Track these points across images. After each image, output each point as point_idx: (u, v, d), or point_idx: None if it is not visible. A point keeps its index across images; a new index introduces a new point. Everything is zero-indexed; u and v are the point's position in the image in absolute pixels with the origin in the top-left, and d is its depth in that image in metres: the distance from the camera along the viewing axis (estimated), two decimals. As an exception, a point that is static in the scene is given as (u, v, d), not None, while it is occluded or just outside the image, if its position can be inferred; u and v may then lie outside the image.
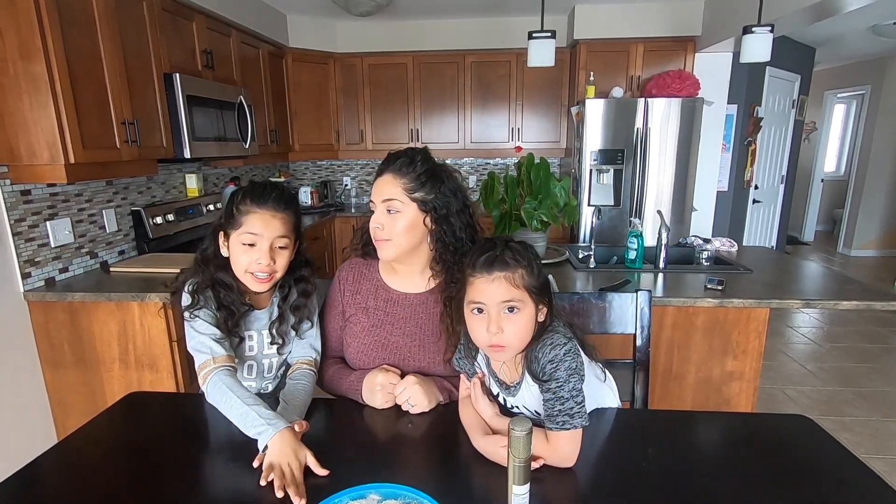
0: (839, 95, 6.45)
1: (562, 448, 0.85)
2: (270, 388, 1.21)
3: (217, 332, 1.04)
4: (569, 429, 0.84)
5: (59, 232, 1.98)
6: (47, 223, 1.93)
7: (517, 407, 0.99)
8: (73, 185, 2.05)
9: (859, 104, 6.10)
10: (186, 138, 2.30)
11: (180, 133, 2.28)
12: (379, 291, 1.20)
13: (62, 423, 1.96)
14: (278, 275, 1.10)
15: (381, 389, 1.07)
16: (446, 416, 1.04)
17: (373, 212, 1.12)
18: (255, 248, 1.06)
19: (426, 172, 1.10)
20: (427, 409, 1.04)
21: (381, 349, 1.15)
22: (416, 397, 1.04)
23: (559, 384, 0.86)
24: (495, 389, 1.01)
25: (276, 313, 1.15)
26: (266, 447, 0.87)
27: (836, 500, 0.78)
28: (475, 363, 1.02)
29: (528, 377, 0.92)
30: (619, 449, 0.95)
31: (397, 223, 1.09)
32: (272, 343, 1.15)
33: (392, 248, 1.11)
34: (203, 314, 1.04)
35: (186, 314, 1.05)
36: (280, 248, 1.08)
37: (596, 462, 0.90)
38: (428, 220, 1.11)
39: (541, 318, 0.91)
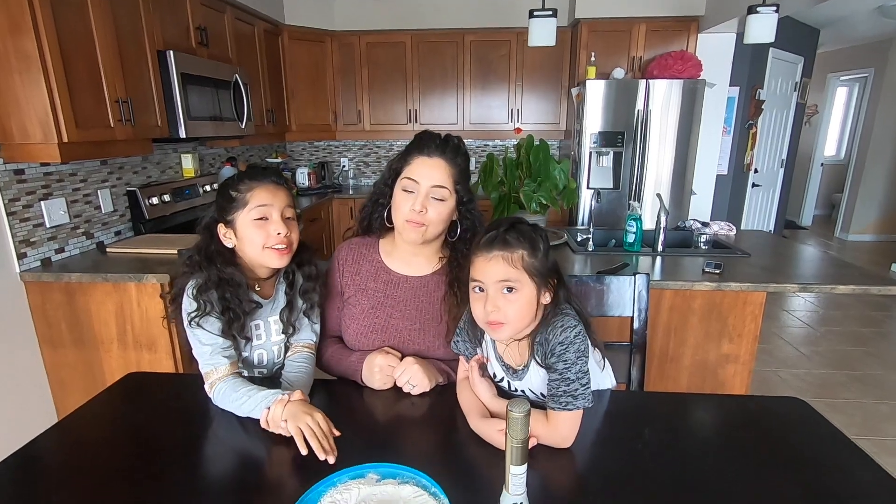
0: (842, 78, 6.39)
1: (561, 428, 0.86)
2: (278, 370, 1.19)
3: (220, 341, 1.02)
4: (571, 409, 0.85)
5: (54, 212, 1.97)
6: (42, 203, 1.92)
7: (523, 391, 1.00)
8: (67, 164, 2.03)
9: (862, 87, 6.05)
10: (181, 117, 2.27)
11: (175, 112, 2.25)
12: (379, 273, 1.20)
13: (62, 402, 1.97)
14: (294, 246, 1.09)
15: (379, 371, 1.07)
16: (445, 397, 1.04)
17: (407, 191, 1.08)
18: (269, 221, 1.04)
19: (467, 167, 1.13)
20: (428, 389, 1.05)
21: (381, 331, 1.15)
22: (416, 377, 1.05)
23: (566, 366, 0.86)
24: (499, 374, 1.02)
25: (283, 301, 1.14)
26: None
27: (828, 481, 0.79)
28: (479, 348, 1.03)
29: (536, 360, 0.92)
30: (615, 430, 0.96)
31: (440, 211, 1.09)
32: (284, 332, 1.14)
33: (424, 233, 1.10)
34: (207, 323, 1.01)
35: (189, 321, 1.01)
36: (289, 219, 1.07)
37: (592, 443, 0.91)
38: (457, 210, 1.14)
39: (545, 301, 0.90)
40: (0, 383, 1.77)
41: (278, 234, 1.04)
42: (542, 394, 0.96)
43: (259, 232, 1.04)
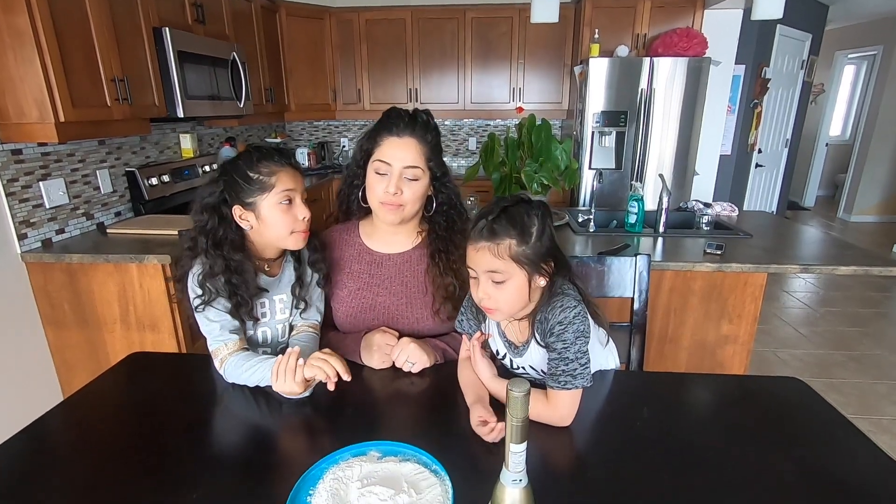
0: (850, 56, 6.27)
1: (560, 407, 0.87)
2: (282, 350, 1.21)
3: (228, 318, 1.03)
4: (570, 389, 0.86)
5: (53, 192, 1.96)
6: (40, 183, 1.91)
7: (523, 368, 1.01)
8: (64, 144, 2.01)
9: (870, 65, 5.95)
10: (179, 96, 2.24)
11: (172, 91, 2.22)
12: (362, 255, 1.21)
13: (67, 381, 2.00)
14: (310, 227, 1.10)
15: (378, 349, 1.08)
16: (444, 375, 1.05)
17: (379, 173, 1.08)
18: (294, 205, 1.05)
19: (438, 142, 1.12)
20: (427, 366, 1.06)
21: (369, 311, 1.17)
22: (414, 355, 1.06)
23: (565, 345, 0.87)
24: (501, 350, 1.02)
25: (291, 277, 1.15)
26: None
27: (825, 459, 0.80)
28: (483, 324, 1.03)
29: (536, 338, 0.93)
30: (614, 409, 0.97)
31: (414, 190, 1.09)
32: (296, 306, 1.15)
33: (401, 214, 1.11)
34: (214, 302, 1.02)
35: (195, 307, 1.03)
36: (305, 200, 1.09)
37: (592, 422, 0.92)
38: (432, 185, 1.14)
39: (539, 285, 0.90)
40: (6, 363, 1.79)
41: (303, 218, 1.06)
42: (542, 371, 0.97)
43: (286, 217, 1.05)
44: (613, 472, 0.78)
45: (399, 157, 1.06)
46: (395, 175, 1.07)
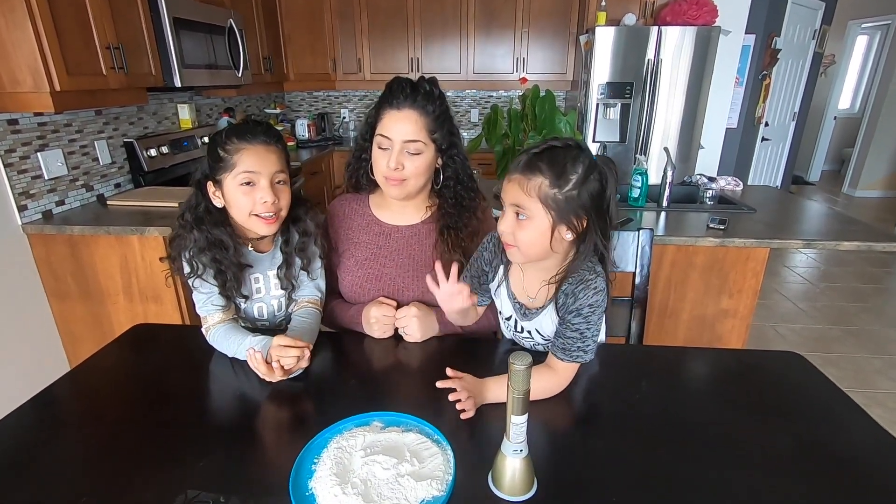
0: (863, 26, 6.11)
1: (564, 376, 0.90)
2: (284, 324, 1.20)
3: (216, 290, 1.05)
4: (579, 362, 0.89)
5: (52, 163, 1.94)
6: (38, 154, 1.88)
7: (528, 332, 1.02)
8: (61, 115, 1.98)
9: (883, 35, 5.79)
10: (175, 65, 2.19)
11: (169, 59, 2.17)
12: (371, 225, 1.20)
13: (73, 352, 2.02)
14: (283, 213, 1.05)
15: (376, 322, 1.09)
16: (447, 346, 1.07)
17: (382, 147, 1.07)
18: (256, 187, 1.00)
19: (444, 111, 1.08)
20: (418, 341, 1.08)
21: (375, 281, 1.17)
22: (410, 328, 1.08)
23: (588, 326, 0.88)
24: (508, 311, 1.03)
25: (280, 257, 1.13)
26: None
27: (820, 431, 0.82)
28: (493, 282, 1.04)
29: (556, 307, 0.92)
30: (614, 382, 0.98)
31: (417, 164, 1.07)
32: (283, 288, 1.14)
33: (406, 188, 1.09)
34: (204, 276, 1.04)
35: (187, 281, 1.05)
36: (279, 183, 1.03)
37: (591, 394, 0.94)
38: (440, 159, 1.11)
39: (566, 237, 0.86)
40: (13, 334, 1.81)
41: (265, 202, 1.00)
42: (547, 337, 0.98)
43: (245, 198, 1.00)
44: (612, 443, 0.79)
45: (399, 130, 1.04)
46: (396, 150, 1.05)
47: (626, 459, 0.75)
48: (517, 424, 0.66)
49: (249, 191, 1.00)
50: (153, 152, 2.40)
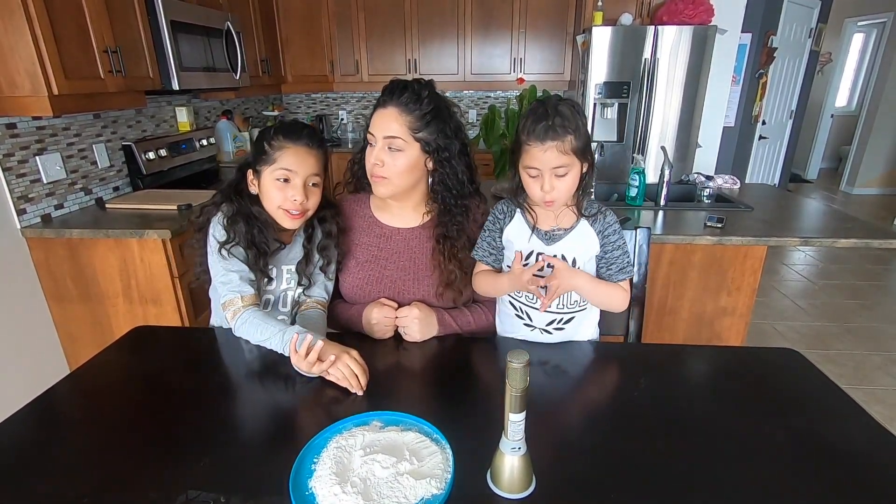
0: (859, 24, 6.12)
1: (628, 290, 1.07)
2: (288, 321, 1.21)
3: (246, 269, 1.05)
4: (631, 276, 1.07)
5: (50, 167, 1.94)
6: (37, 158, 1.89)
7: (554, 255, 1.04)
8: (59, 118, 1.98)
9: (879, 33, 5.81)
10: (173, 68, 2.19)
11: (166, 62, 2.18)
12: (371, 227, 1.21)
13: (73, 355, 2.02)
14: (310, 212, 1.10)
15: (376, 324, 1.10)
16: (446, 347, 1.07)
17: (370, 144, 1.10)
18: (289, 185, 1.05)
19: (432, 111, 1.07)
20: (417, 341, 1.09)
21: (376, 283, 1.17)
22: (410, 328, 1.09)
23: (623, 240, 1.06)
24: (527, 250, 1.06)
25: (300, 252, 1.16)
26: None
27: (819, 428, 0.82)
28: (509, 226, 1.09)
29: (584, 222, 1.05)
30: (612, 380, 0.99)
31: (398, 162, 1.07)
32: (299, 284, 1.16)
33: (389, 186, 1.09)
34: (235, 251, 1.05)
35: (219, 249, 1.04)
36: (313, 185, 1.08)
37: (590, 391, 0.94)
38: (429, 161, 1.10)
39: (584, 170, 1.01)
40: (13, 337, 1.81)
41: (295, 200, 1.05)
42: (574, 259, 1.05)
43: (278, 193, 1.06)
44: (610, 440, 0.80)
45: (380, 126, 1.06)
46: (378, 146, 1.07)
47: (625, 456, 0.76)
48: (515, 422, 0.66)
49: (283, 187, 1.05)
50: (151, 155, 2.40)
